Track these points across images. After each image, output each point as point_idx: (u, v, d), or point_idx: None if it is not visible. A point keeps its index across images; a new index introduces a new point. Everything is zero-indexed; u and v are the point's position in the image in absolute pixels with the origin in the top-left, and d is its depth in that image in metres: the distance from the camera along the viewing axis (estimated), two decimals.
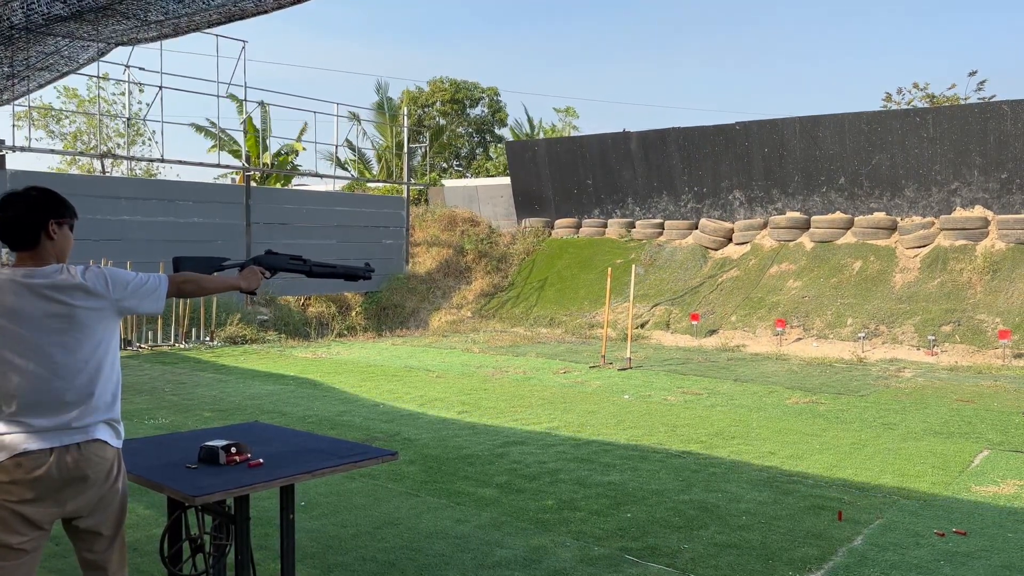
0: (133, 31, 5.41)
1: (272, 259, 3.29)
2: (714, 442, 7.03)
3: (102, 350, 2.58)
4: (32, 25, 5.19)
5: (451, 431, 7.40)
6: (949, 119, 14.86)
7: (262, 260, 3.26)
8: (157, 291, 2.70)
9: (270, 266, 3.25)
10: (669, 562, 4.29)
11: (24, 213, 2.53)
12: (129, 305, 2.64)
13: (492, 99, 34.82)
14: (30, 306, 2.48)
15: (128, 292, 2.63)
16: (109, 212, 14.20)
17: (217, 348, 13.41)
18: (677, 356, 12.79)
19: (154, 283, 2.70)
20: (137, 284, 2.66)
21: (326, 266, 3.48)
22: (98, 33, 5.51)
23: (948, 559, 4.33)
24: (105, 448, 2.56)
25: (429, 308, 18.22)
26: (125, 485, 2.69)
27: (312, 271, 3.42)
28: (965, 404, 8.79)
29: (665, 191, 18.27)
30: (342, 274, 3.53)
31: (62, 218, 2.59)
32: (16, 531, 2.44)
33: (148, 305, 2.70)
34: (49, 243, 2.55)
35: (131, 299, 2.64)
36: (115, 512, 2.63)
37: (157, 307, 2.72)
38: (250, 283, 3.08)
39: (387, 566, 4.20)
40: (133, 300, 2.64)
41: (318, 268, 3.44)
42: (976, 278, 13.43)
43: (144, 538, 4.50)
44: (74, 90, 27.17)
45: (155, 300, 2.70)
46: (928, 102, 22.63)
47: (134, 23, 5.05)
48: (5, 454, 2.44)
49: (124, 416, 2.70)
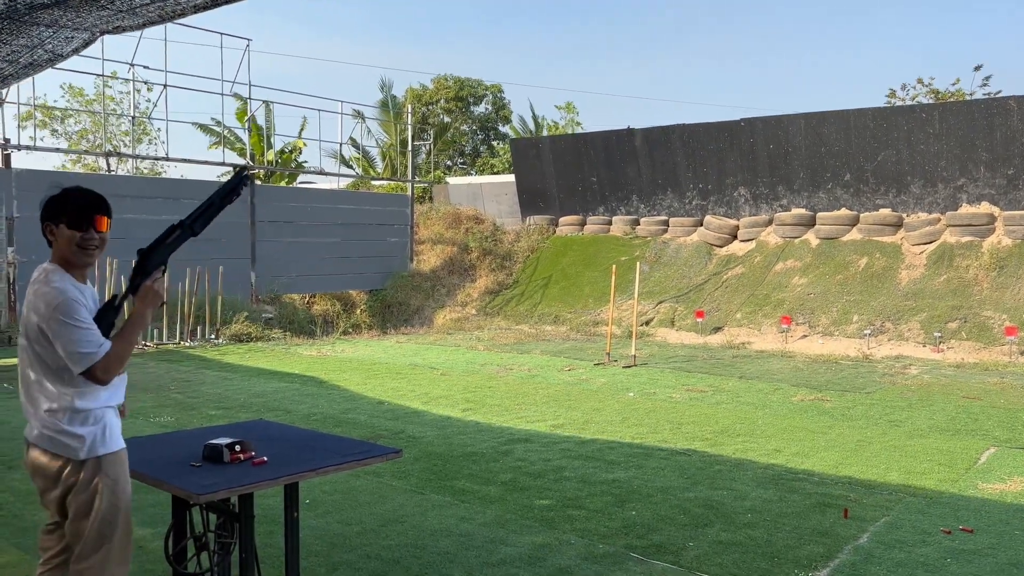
0: (117, 18, 5.39)
1: (152, 257, 2.83)
2: (719, 439, 7.01)
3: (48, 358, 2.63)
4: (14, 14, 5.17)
5: (455, 429, 7.40)
6: (955, 115, 14.79)
7: (145, 265, 2.82)
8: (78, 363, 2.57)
9: (156, 264, 2.82)
10: (674, 560, 4.28)
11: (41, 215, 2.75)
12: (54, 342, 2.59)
13: (496, 96, 34.78)
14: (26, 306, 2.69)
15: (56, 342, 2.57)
16: (114, 211, 14.21)
17: (222, 346, 13.43)
18: (682, 353, 12.76)
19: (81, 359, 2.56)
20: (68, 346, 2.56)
21: (203, 211, 2.91)
22: (82, 21, 5.49)
23: (955, 556, 4.31)
24: (41, 454, 2.70)
25: (434, 306, 18.22)
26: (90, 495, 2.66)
27: (195, 229, 2.91)
28: (971, 401, 8.76)
29: (670, 188, 18.23)
30: (218, 203, 2.93)
31: (52, 220, 2.72)
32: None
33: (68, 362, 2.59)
34: (53, 245, 2.74)
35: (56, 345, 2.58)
36: (75, 512, 2.67)
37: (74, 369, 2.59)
38: (154, 301, 2.78)
39: (391, 564, 4.20)
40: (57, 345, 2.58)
41: (198, 223, 2.91)
42: (982, 275, 13.37)
43: (149, 535, 4.50)
44: (80, 89, 27.24)
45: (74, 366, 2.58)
46: (933, 98, 22.55)
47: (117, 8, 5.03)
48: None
49: (128, 414, 2.71)
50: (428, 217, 20.97)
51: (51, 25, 5.66)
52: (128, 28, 5.86)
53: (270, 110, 21.74)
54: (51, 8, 5.14)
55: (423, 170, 25.80)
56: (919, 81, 24.12)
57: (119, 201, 14.45)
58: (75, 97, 26.91)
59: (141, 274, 2.80)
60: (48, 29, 5.82)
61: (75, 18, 5.45)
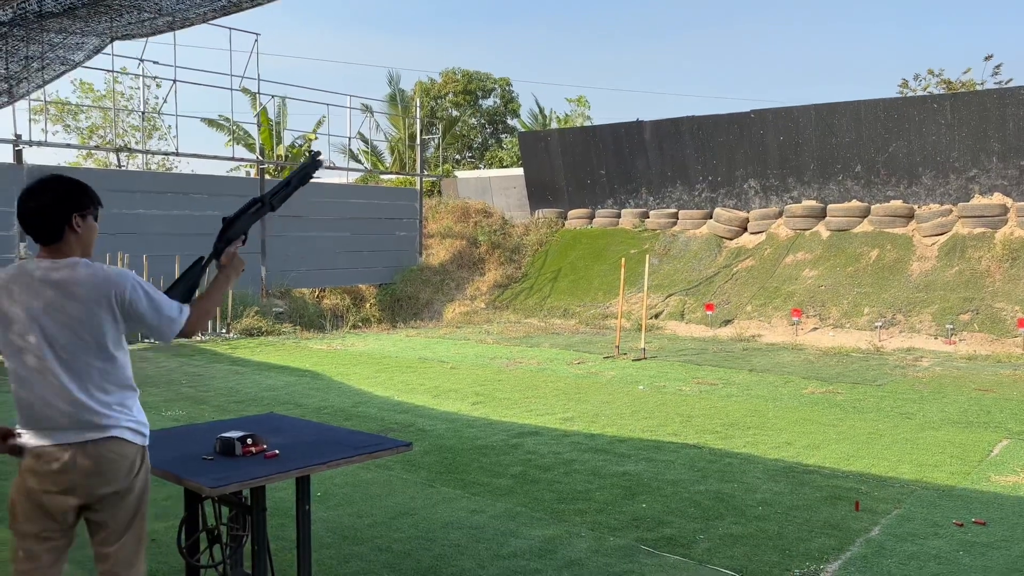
0: (126, 28, 5.43)
1: (235, 227, 3.02)
2: (730, 432, 7.00)
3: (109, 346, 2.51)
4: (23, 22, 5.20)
5: (465, 422, 7.41)
6: (967, 105, 14.67)
7: (228, 235, 3.01)
8: (170, 327, 2.59)
9: (238, 234, 3.01)
10: (684, 553, 4.28)
11: (48, 205, 2.48)
12: (134, 326, 2.56)
13: (504, 90, 34.73)
14: (45, 302, 2.44)
15: (140, 320, 2.54)
16: (125, 206, 14.27)
17: (233, 340, 13.49)
18: (692, 346, 12.74)
19: (168, 320, 2.58)
20: (151, 317, 2.55)
21: (281, 188, 3.26)
22: (91, 29, 5.52)
23: (967, 549, 4.29)
24: (123, 445, 2.54)
25: (443, 299, 18.24)
26: (145, 482, 2.63)
27: (273, 205, 3.23)
28: (984, 393, 8.71)
29: (679, 180, 18.16)
30: (296, 182, 3.28)
31: (85, 209, 2.54)
32: (35, 520, 2.47)
33: (156, 336, 2.61)
34: (73, 236, 2.51)
35: (138, 325, 2.56)
36: (128, 508, 2.57)
37: (164, 341, 2.64)
38: (237, 269, 2.92)
39: (402, 556, 4.21)
40: (140, 325, 2.56)
41: (276, 198, 3.24)
42: (995, 266, 13.28)
43: (162, 529, 4.53)
44: (90, 85, 27.34)
45: (165, 335, 2.60)
46: (944, 88, 22.35)
47: (127, 20, 5.06)
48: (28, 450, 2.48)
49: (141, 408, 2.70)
50: (437, 211, 20.98)
51: (60, 32, 5.68)
52: (137, 35, 5.89)
53: (283, 105, 21.79)
54: (59, 17, 5.17)
55: (432, 164, 25.81)
56: (930, 72, 23.93)
57: (130, 196, 14.53)
58: (86, 93, 27.03)
59: (223, 241, 2.98)
60: (58, 36, 5.85)
61: (84, 27, 5.47)
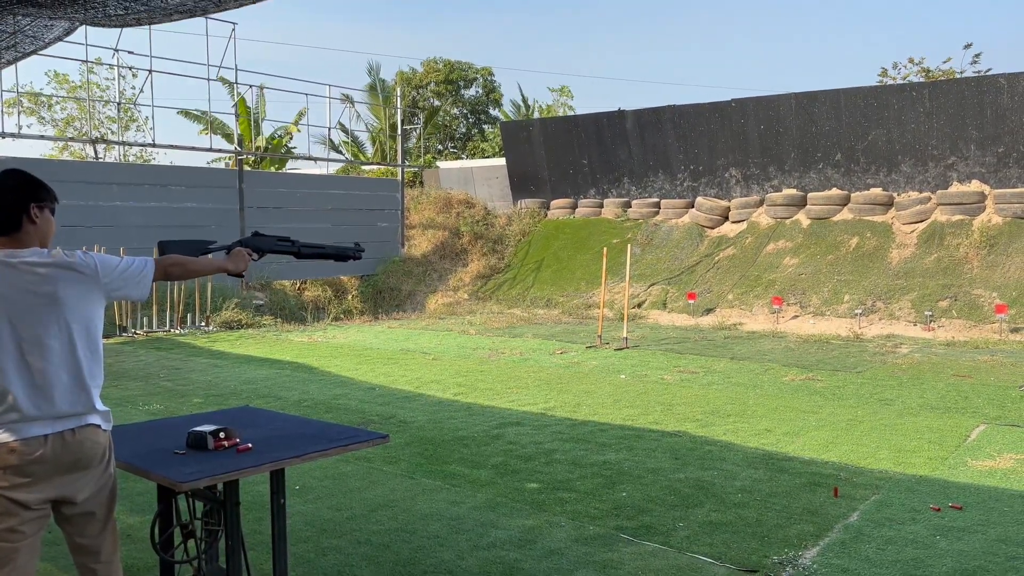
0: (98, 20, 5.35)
1: (259, 241, 3.27)
2: (710, 420, 7.02)
3: (92, 332, 2.55)
4: None
5: (446, 413, 7.39)
6: (945, 93, 14.76)
7: (249, 242, 3.24)
8: (142, 275, 2.67)
9: (257, 248, 3.22)
10: (664, 540, 4.28)
11: (5, 195, 2.48)
12: (115, 288, 2.61)
13: (486, 79, 34.58)
14: (13, 288, 2.43)
15: (115, 275, 2.59)
16: (102, 198, 14.10)
17: (212, 333, 13.38)
18: (674, 335, 12.77)
19: (138, 267, 2.66)
20: (123, 268, 2.62)
21: (315, 247, 3.46)
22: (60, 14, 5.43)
23: (944, 534, 4.32)
24: (97, 432, 2.55)
25: (425, 291, 18.18)
26: (115, 469, 2.68)
27: (301, 252, 3.39)
28: (962, 379, 8.79)
29: (661, 170, 18.17)
30: (332, 254, 3.51)
31: (43, 202, 2.55)
32: (11, 514, 2.43)
33: (134, 291, 2.66)
34: (32, 227, 2.50)
35: (118, 283, 2.60)
36: (107, 496, 2.62)
37: (142, 293, 2.68)
38: (237, 265, 3.04)
39: (381, 548, 4.19)
40: (119, 283, 2.61)
41: (307, 249, 3.41)
42: (973, 253, 13.40)
43: (136, 524, 4.48)
44: (65, 76, 26.97)
45: (141, 286, 2.66)
46: (924, 76, 22.49)
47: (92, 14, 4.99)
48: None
49: (118, 402, 2.67)
50: (419, 202, 20.88)
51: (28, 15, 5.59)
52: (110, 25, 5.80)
53: (262, 95, 21.56)
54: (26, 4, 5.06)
55: (413, 154, 25.68)
56: (910, 60, 24.07)
57: (107, 188, 14.35)
58: (60, 84, 26.65)
59: (243, 243, 3.17)
60: (26, 18, 5.74)
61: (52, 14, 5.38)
